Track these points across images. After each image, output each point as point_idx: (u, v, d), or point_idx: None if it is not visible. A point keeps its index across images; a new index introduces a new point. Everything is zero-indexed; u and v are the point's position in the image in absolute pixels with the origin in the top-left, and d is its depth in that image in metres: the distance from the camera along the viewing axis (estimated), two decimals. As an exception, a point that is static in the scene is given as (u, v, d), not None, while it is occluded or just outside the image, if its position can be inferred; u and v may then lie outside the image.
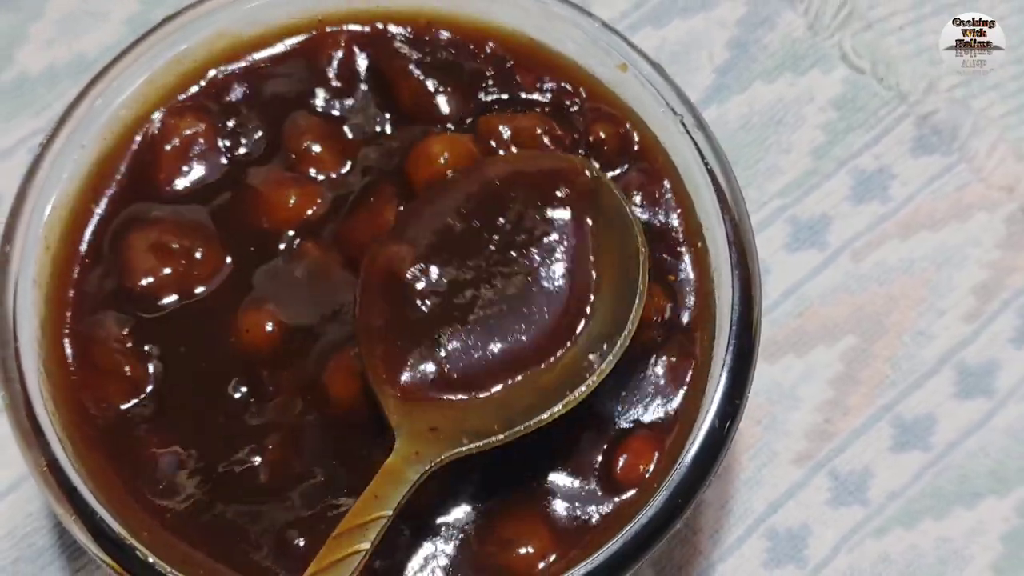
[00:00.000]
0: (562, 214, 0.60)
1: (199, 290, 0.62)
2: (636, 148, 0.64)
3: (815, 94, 0.78)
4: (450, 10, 0.67)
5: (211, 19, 0.66)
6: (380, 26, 0.67)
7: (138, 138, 0.65)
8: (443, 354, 0.58)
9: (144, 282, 0.62)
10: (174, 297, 0.62)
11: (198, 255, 0.62)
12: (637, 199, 0.63)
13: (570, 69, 0.66)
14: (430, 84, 0.65)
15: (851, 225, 0.76)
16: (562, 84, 0.65)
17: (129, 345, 0.61)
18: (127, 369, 0.60)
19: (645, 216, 0.63)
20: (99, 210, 0.64)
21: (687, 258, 0.63)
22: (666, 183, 0.63)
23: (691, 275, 0.62)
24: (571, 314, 0.58)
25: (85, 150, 0.63)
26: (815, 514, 0.70)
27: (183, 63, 0.66)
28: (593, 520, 0.58)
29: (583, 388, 0.57)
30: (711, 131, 0.63)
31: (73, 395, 0.60)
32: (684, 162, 0.63)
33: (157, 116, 0.65)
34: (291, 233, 0.63)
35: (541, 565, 0.57)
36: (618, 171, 0.64)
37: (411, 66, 0.65)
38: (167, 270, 0.62)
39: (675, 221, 0.63)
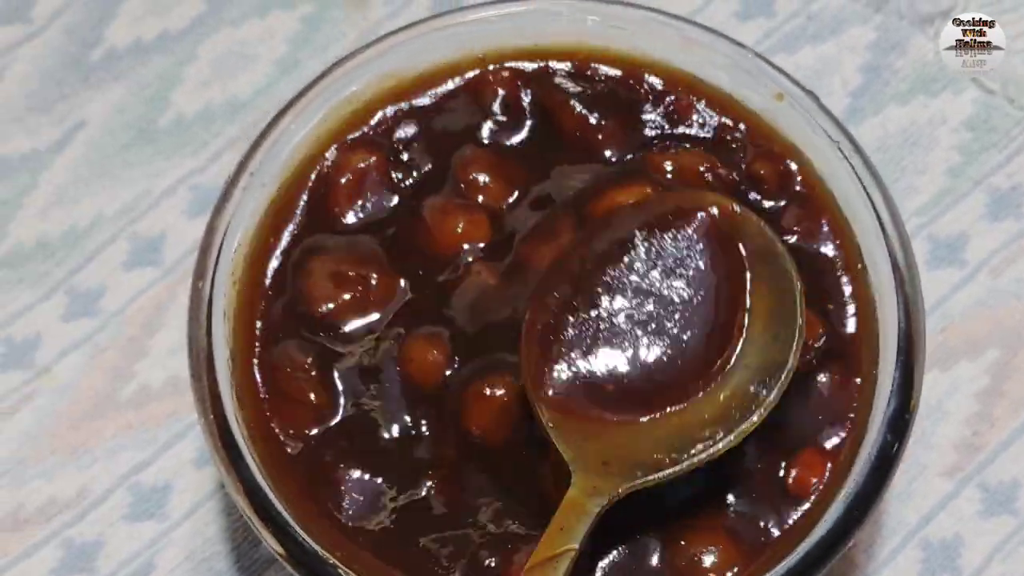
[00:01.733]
0: (711, 248, 0.62)
1: (375, 316, 0.65)
2: (797, 187, 0.66)
3: (948, 116, 0.80)
4: (604, 45, 0.70)
5: (378, 63, 0.68)
6: (541, 63, 0.69)
7: (313, 175, 0.67)
8: (602, 369, 0.60)
9: (323, 309, 0.64)
10: (354, 323, 0.64)
11: (373, 281, 0.65)
12: (795, 234, 0.66)
13: (725, 100, 0.68)
14: (592, 118, 0.67)
15: (988, 242, 0.77)
16: (721, 118, 0.67)
17: (314, 373, 0.63)
18: (312, 396, 0.63)
19: (805, 246, 0.65)
20: (280, 244, 0.66)
21: (846, 283, 0.65)
22: (824, 218, 0.66)
23: (851, 299, 0.64)
24: (727, 345, 0.60)
25: (266, 188, 0.66)
26: (967, 525, 0.71)
27: (353, 103, 0.69)
28: (770, 534, 0.60)
29: (754, 419, 0.58)
30: (867, 155, 0.65)
31: (264, 422, 0.63)
32: (843, 189, 0.65)
33: (331, 153, 0.68)
34: (463, 259, 0.65)
35: None
36: (778, 204, 0.66)
37: (573, 100, 0.68)
38: (345, 296, 0.65)
39: (832, 250, 0.65)
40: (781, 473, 0.61)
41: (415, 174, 0.68)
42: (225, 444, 0.60)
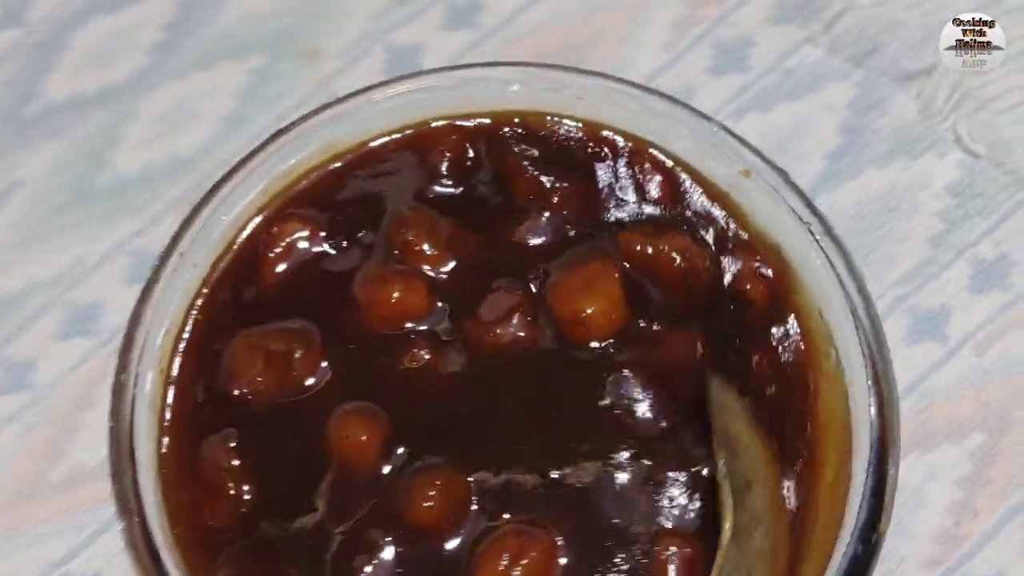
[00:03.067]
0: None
1: (300, 396, 0.60)
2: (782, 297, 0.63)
3: (930, 180, 0.76)
4: (565, 111, 0.65)
5: (321, 132, 0.65)
6: (492, 123, 0.65)
7: (239, 247, 0.64)
8: None
9: (245, 389, 0.60)
10: (276, 401, 0.60)
11: (298, 357, 0.60)
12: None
13: (692, 174, 0.64)
14: (546, 180, 0.63)
15: (972, 316, 0.73)
16: (686, 194, 0.63)
17: (236, 463, 0.59)
18: (231, 487, 0.59)
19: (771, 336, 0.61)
20: (210, 325, 0.62)
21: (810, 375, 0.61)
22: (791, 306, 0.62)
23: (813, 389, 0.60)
24: None
25: (197, 269, 0.62)
26: (950, 623, 0.67)
27: (290, 175, 0.64)
28: None
29: None
30: (840, 238, 0.61)
31: (189, 512, 0.58)
32: (814, 273, 0.61)
33: (261, 224, 0.64)
34: (400, 333, 0.61)
35: None
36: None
37: (526, 163, 0.63)
38: (269, 375, 0.60)
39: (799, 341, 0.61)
40: None
41: (348, 243, 0.64)
42: (149, 550, 0.56)
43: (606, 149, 0.65)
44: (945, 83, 0.77)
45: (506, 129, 0.66)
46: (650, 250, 0.61)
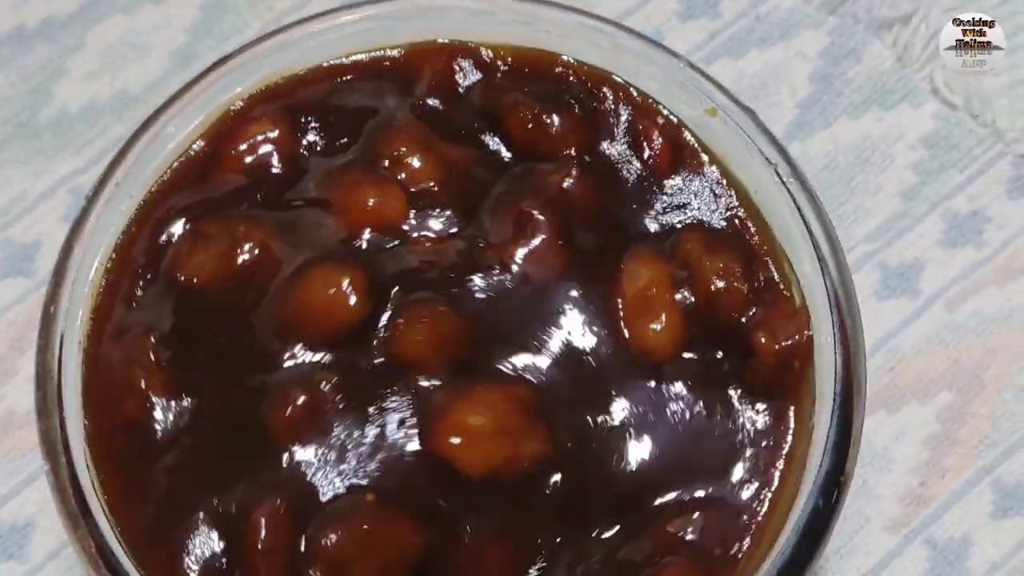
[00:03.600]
0: None
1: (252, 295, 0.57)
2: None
3: (904, 131, 0.74)
4: (534, 46, 0.63)
5: (266, 60, 0.61)
6: (476, 54, 0.62)
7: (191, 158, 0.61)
8: None
9: (192, 276, 0.57)
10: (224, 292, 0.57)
11: (256, 253, 0.57)
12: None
13: (652, 111, 0.61)
14: (547, 116, 0.60)
15: (944, 271, 0.71)
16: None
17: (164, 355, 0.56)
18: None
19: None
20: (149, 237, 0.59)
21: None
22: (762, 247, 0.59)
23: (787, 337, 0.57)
24: None
25: (133, 200, 0.59)
26: (912, 586, 0.65)
27: (236, 107, 0.61)
28: None
29: None
30: (807, 179, 0.58)
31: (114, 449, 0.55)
32: (779, 216, 0.58)
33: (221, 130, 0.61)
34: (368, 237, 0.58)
35: None
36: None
37: (519, 96, 0.60)
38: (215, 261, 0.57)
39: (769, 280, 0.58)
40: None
41: (323, 145, 0.61)
42: (77, 497, 0.53)
43: (604, 91, 0.62)
44: (923, 31, 0.75)
45: (492, 58, 0.62)
46: (707, 261, 0.57)
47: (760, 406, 0.56)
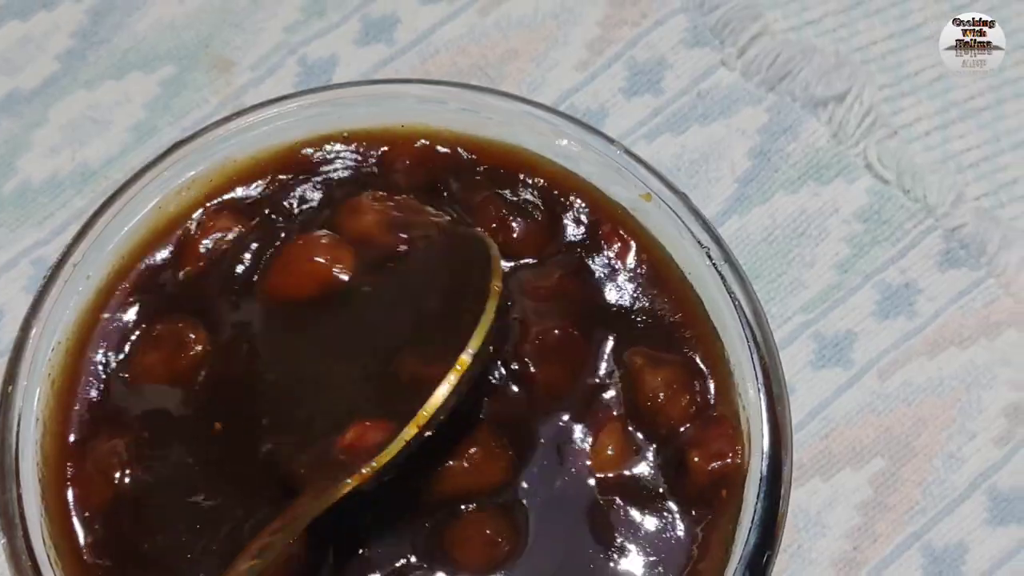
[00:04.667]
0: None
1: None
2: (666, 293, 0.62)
3: (839, 205, 0.76)
4: (471, 129, 0.65)
5: (222, 146, 0.63)
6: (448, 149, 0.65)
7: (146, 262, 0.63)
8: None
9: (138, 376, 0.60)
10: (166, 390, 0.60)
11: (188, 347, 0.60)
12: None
13: (593, 196, 0.63)
14: (515, 223, 0.63)
15: (877, 342, 0.73)
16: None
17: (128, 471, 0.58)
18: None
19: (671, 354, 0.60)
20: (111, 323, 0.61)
21: (712, 397, 0.60)
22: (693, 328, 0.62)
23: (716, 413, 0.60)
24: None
25: (91, 281, 0.61)
26: (845, 649, 0.67)
27: (192, 190, 0.63)
28: None
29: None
30: (738, 263, 0.60)
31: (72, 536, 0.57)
32: (710, 296, 0.60)
33: (197, 215, 0.64)
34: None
35: None
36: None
37: (492, 195, 0.63)
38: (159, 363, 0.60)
39: (699, 362, 0.61)
40: None
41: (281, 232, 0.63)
42: (32, 566, 0.55)
43: (566, 198, 0.64)
44: (857, 109, 0.77)
45: (472, 156, 0.65)
46: (647, 377, 0.60)
47: (687, 518, 0.58)
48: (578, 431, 0.59)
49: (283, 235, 0.62)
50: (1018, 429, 0.71)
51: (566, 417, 0.59)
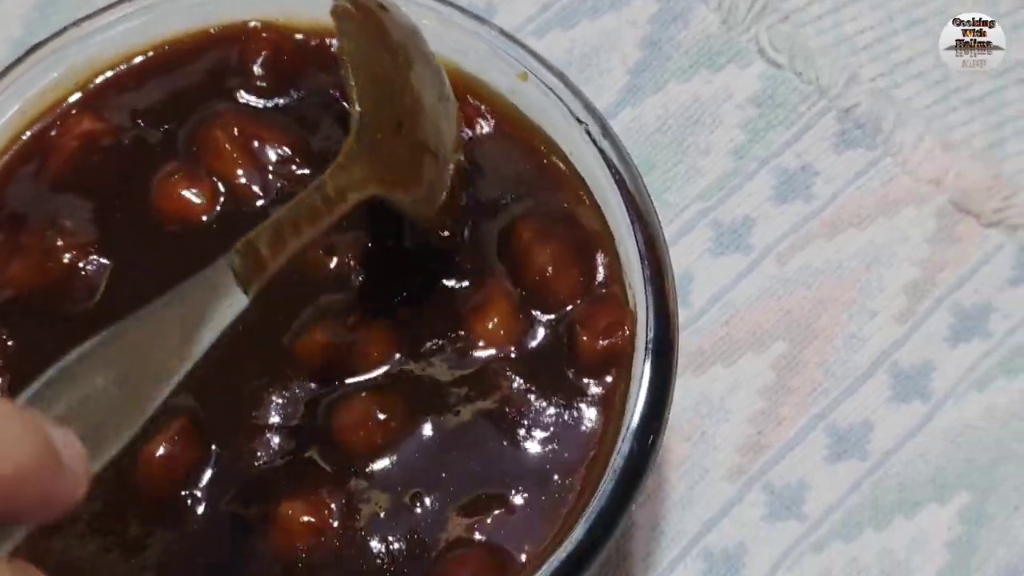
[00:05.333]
0: None
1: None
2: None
3: (733, 91, 0.75)
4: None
5: (83, 45, 0.62)
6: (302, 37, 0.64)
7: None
8: None
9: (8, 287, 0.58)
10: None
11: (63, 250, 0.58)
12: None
13: (469, 82, 0.62)
14: None
15: (775, 227, 0.73)
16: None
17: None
18: None
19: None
20: None
21: (601, 272, 0.59)
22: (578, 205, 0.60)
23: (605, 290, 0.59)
24: None
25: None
26: (751, 532, 0.67)
27: (55, 92, 0.62)
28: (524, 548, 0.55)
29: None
30: (617, 137, 0.59)
31: None
32: (592, 173, 0.59)
33: (59, 118, 0.62)
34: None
35: None
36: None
37: None
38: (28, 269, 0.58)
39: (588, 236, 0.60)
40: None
41: (147, 139, 0.61)
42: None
43: None
44: (747, -6, 0.76)
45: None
46: (535, 251, 0.59)
47: (581, 396, 0.57)
48: (465, 304, 0.58)
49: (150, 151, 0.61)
50: (918, 306, 0.71)
51: (453, 288, 0.58)
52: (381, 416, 0.55)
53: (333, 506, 0.54)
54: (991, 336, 0.70)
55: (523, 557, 0.54)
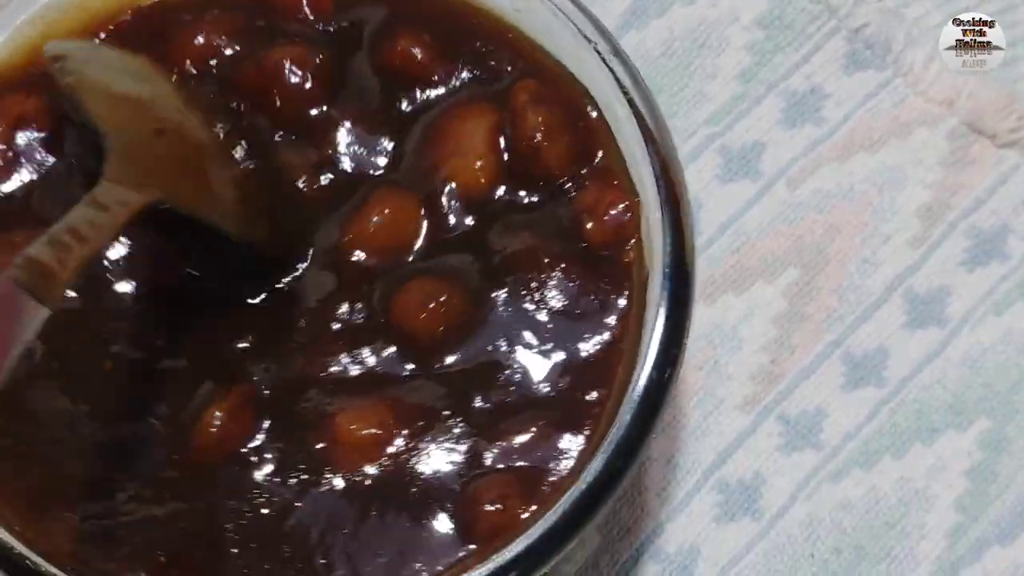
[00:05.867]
0: None
1: None
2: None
3: (739, 13, 0.73)
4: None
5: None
6: None
7: None
8: None
9: None
10: None
11: None
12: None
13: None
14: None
15: (785, 151, 0.71)
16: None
17: None
18: None
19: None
20: None
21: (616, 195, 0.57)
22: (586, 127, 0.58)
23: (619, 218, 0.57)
24: None
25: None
26: (767, 462, 0.65)
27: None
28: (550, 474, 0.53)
29: None
30: (627, 56, 0.57)
31: None
32: (603, 94, 0.57)
33: None
34: None
35: None
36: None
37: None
38: None
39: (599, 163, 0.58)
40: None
41: None
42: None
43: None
44: (750, -90, 0.74)
45: None
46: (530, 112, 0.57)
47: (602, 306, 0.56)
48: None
49: None
50: (932, 229, 0.69)
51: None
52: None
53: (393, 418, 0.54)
54: (1009, 259, 0.68)
55: (545, 488, 0.53)
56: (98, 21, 0.60)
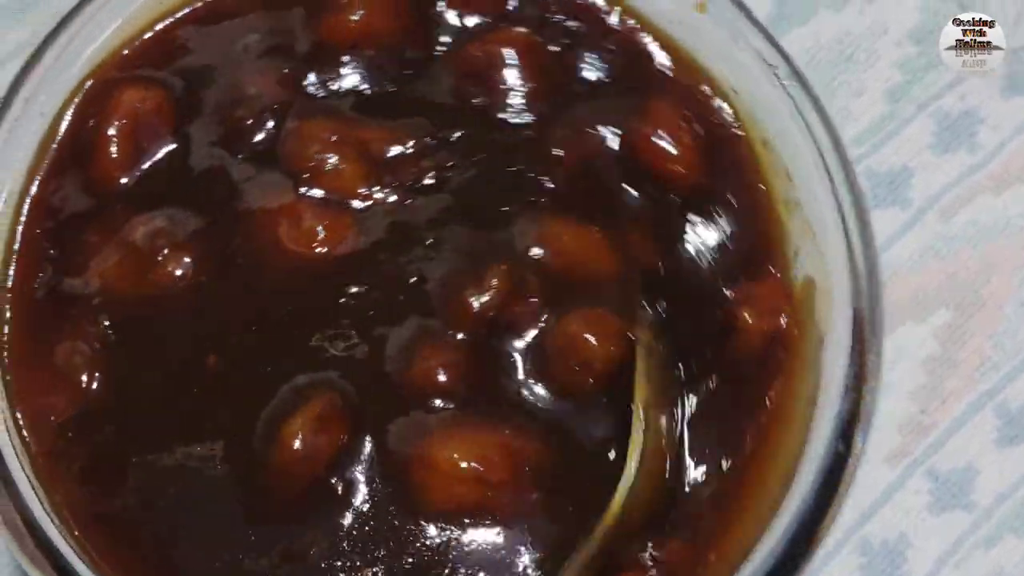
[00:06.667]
0: None
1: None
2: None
3: (889, 25, 0.69)
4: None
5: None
6: None
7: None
8: None
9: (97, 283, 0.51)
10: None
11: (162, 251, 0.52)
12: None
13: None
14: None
15: (936, 178, 0.66)
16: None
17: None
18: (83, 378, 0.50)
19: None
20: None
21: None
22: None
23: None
24: None
25: (45, 118, 0.52)
26: (913, 522, 0.61)
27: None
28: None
29: None
30: (807, 81, 0.52)
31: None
32: (775, 122, 0.52)
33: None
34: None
35: None
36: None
37: None
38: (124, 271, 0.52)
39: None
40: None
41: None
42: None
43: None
44: (906, -87, 0.69)
45: None
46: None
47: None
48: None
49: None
50: (1097, 272, 0.64)
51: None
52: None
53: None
54: None
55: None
56: None
